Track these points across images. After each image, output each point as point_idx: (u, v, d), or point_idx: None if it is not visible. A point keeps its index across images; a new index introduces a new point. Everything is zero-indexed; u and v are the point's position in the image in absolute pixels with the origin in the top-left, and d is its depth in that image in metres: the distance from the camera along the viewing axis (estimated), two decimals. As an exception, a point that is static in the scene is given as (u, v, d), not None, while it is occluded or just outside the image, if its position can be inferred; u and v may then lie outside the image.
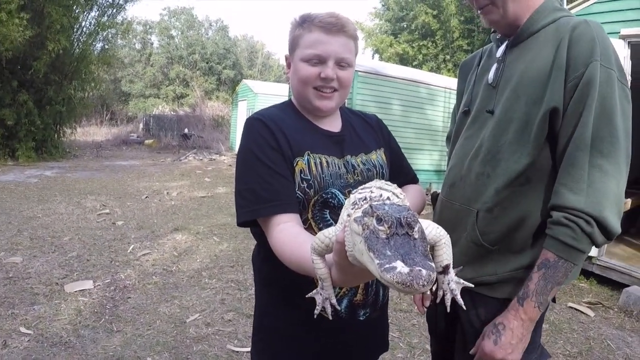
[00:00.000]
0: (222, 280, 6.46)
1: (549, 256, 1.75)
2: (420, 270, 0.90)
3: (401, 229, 1.00)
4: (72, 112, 24.09)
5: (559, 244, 1.73)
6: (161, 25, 59.29)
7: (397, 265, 0.92)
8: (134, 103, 53.59)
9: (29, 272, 6.38)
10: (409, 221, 1.01)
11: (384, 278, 0.92)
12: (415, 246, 0.98)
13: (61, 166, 19.22)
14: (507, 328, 1.81)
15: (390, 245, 0.98)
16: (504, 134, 1.91)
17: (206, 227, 9.57)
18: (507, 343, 1.80)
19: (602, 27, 1.81)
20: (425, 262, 0.94)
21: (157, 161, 23.58)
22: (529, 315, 1.78)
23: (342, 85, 1.98)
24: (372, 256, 0.97)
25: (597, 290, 7.12)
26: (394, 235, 1.00)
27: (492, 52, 2.20)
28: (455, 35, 32.09)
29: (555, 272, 1.74)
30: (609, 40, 1.79)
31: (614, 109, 1.72)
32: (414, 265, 0.91)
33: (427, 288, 0.90)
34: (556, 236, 1.74)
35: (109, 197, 12.49)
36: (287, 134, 1.90)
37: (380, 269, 0.93)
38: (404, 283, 0.89)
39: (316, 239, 1.34)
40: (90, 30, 24.61)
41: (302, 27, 1.95)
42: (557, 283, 1.76)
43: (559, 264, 1.73)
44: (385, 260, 0.94)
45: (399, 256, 0.94)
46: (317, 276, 1.40)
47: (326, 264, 1.36)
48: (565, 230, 1.72)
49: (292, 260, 1.61)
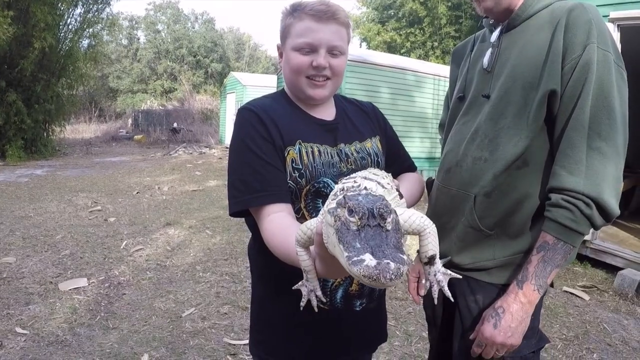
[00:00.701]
0: (217, 274, 6.46)
1: (548, 238, 1.76)
2: (388, 264, 0.89)
3: (373, 220, 0.99)
4: (60, 110, 23.97)
5: (558, 226, 1.74)
6: (147, 20, 59.12)
7: (365, 258, 0.91)
8: (122, 99, 53.45)
9: (22, 272, 6.37)
10: (381, 212, 1.00)
11: (351, 271, 0.91)
12: (387, 238, 0.97)
13: (51, 165, 19.15)
14: (506, 311, 1.81)
15: (360, 237, 0.97)
16: (501, 118, 1.91)
17: (198, 220, 9.57)
18: (506, 326, 1.81)
19: (597, 10, 1.81)
20: (396, 254, 0.93)
21: (147, 156, 23.53)
22: (529, 298, 1.79)
23: (335, 73, 1.96)
24: (342, 248, 0.97)
25: (592, 274, 7.15)
26: (365, 226, 0.99)
27: (485, 38, 2.20)
28: (443, 22, 32.14)
29: (555, 255, 1.75)
30: (604, 23, 1.79)
31: (611, 91, 1.73)
32: (382, 257, 0.90)
33: (395, 282, 0.89)
34: (555, 218, 1.74)
35: (100, 194, 12.47)
36: (278, 124, 1.89)
37: (348, 262, 0.92)
38: (371, 276, 0.88)
39: (299, 231, 1.34)
40: (76, 27, 24.48)
41: (292, 15, 1.93)
42: (557, 265, 1.77)
43: (558, 247, 1.74)
44: (353, 253, 0.93)
45: (369, 248, 0.93)
46: (302, 268, 1.40)
47: (310, 256, 1.36)
48: (564, 212, 1.72)
49: (280, 251, 1.62)
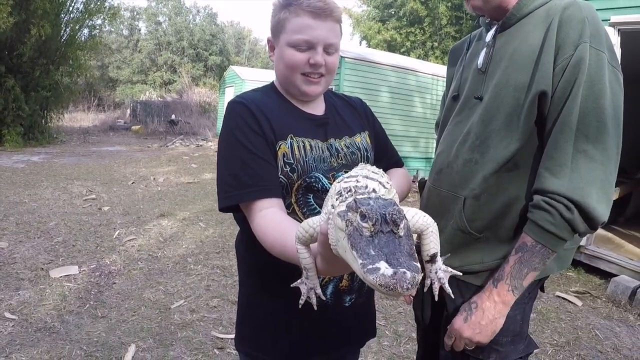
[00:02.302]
0: (208, 267, 6.47)
1: (527, 240, 1.74)
2: (404, 273, 0.87)
3: (386, 226, 0.97)
4: (59, 97, 23.90)
5: (537, 228, 1.71)
6: (148, 11, 58.95)
7: (381, 266, 0.89)
8: (121, 89, 53.29)
9: (14, 257, 6.38)
10: (394, 218, 0.98)
11: (366, 279, 0.89)
12: (400, 245, 0.95)
13: (48, 152, 19.10)
14: (479, 307, 1.81)
15: (374, 244, 0.95)
16: (493, 120, 1.88)
17: (192, 213, 9.57)
18: (476, 322, 1.80)
19: (594, 8, 1.78)
20: (411, 262, 0.91)
21: (144, 147, 23.49)
22: (502, 298, 1.78)
23: (329, 70, 1.96)
24: (355, 255, 0.94)
25: (585, 280, 7.14)
26: (378, 233, 0.97)
27: (481, 37, 2.18)
28: (443, 22, 32.18)
29: (532, 257, 1.72)
30: (600, 22, 1.77)
31: (603, 93, 1.68)
32: (398, 266, 0.89)
33: (411, 291, 0.88)
34: (535, 220, 1.72)
35: (95, 182, 12.45)
36: (269, 118, 1.88)
37: (363, 270, 0.90)
38: (387, 286, 0.86)
39: (300, 229, 1.32)
40: (77, 16, 24.45)
41: (288, 9, 1.89)
42: (534, 268, 1.74)
43: (536, 249, 1.72)
44: (368, 260, 0.91)
45: (383, 256, 0.92)
46: (301, 265, 1.38)
47: (311, 254, 1.35)
48: (544, 214, 1.70)
49: (275, 247, 1.59)
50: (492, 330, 1.81)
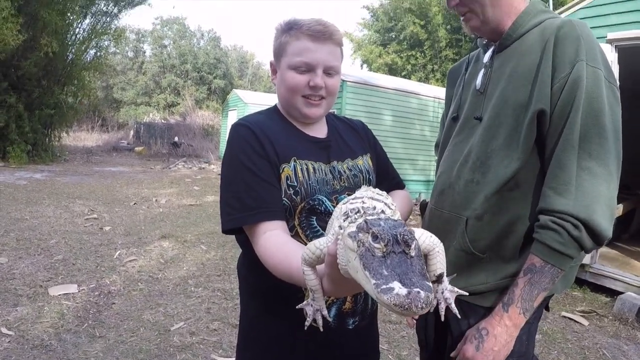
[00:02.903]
0: (209, 289, 6.40)
1: (535, 261, 1.72)
2: (418, 292, 0.88)
3: (398, 247, 0.98)
4: (63, 116, 24.10)
5: (545, 248, 1.70)
6: (154, 34, 59.52)
7: (395, 286, 0.90)
8: (125, 110, 53.66)
9: (13, 273, 6.34)
10: (405, 239, 0.99)
11: (380, 299, 0.89)
12: (412, 265, 0.96)
13: (51, 170, 19.15)
14: (490, 334, 1.78)
15: (386, 264, 0.95)
16: (493, 140, 1.89)
17: (194, 235, 9.51)
18: (489, 349, 1.77)
19: (588, 26, 1.81)
20: (423, 282, 0.92)
21: (147, 168, 23.54)
22: (514, 321, 1.76)
23: (330, 92, 1.98)
24: (368, 275, 0.95)
25: (591, 299, 7.10)
26: (391, 253, 0.97)
27: (479, 58, 2.20)
28: (443, 45, 32.59)
29: (542, 278, 1.71)
30: (595, 39, 1.79)
31: (602, 109, 1.70)
32: (411, 286, 0.89)
33: (425, 310, 0.88)
34: (543, 240, 1.71)
35: (97, 202, 12.43)
36: (273, 140, 1.89)
37: (377, 290, 0.90)
38: (402, 306, 0.87)
39: (307, 250, 1.31)
40: (83, 36, 24.70)
41: (289, 33, 1.93)
42: (544, 289, 1.73)
43: (546, 269, 1.71)
44: (382, 281, 0.92)
45: (396, 276, 0.92)
46: (307, 287, 1.38)
47: (317, 275, 1.34)
48: (552, 234, 1.69)
49: (279, 269, 1.59)
50: (505, 354, 1.80)
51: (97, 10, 25.19)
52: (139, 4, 27.21)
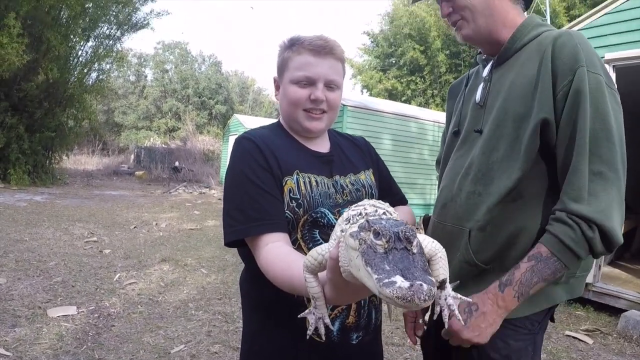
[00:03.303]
0: (209, 312, 6.34)
1: (543, 250, 1.73)
2: (421, 285, 0.88)
3: (399, 243, 0.99)
4: (64, 139, 24.20)
5: (556, 241, 1.70)
6: (156, 58, 60.00)
7: (397, 279, 0.90)
8: (126, 134, 53.91)
9: (12, 293, 6.29)
10: (407, 235, 1.00)
11: (383, 293, 0.90)
12: (414, 261, 0.97)
13: (51, 192, 19.16)
14: (479, 311, 1.79)
15: (388, 260, 0.96)
16: (494, 151, 1.91)
17: (194, 259, 9.46)
18: (476, 325, 1.78)
19: (584, 36, 1.84)
20: (426, 276, 0.92)
21: (147, 193, 23.53)
22: (506, 303, 1.76)
23: (331, 106, 2.01)
24: (370, 271, 0.95)
25: (595, 317, 7.10)
26: (392, 249, 0.98)
27: (479, 73, 2.25)
28: (443, 70, 33.07)
29: (545, 268, 1.72)
30: (592, 47, 1.81)
31: (608, 114, 1.72)
32: (414, 279, 0.90)
33: (428, 303, 0.88)
34: (555, 233, 1.71)
35: (97, 225, 12.39)
36: (276, 154, 1.92)
37: (379, 284, 0.91)
38: (405, 298, 0.87)
39: (309, 257, 1.32)
40: (86, 59, 24.88)
41: (291, 49, 1.99)
42: (543, 279, 1.73)
43: (551, 261, 1.71)
44: (384, 275, 0.92)
45: (398, 271, 0.93)
46: (309, 295, 1.38)
47: (319, 282, 1.34)
48: (566, 229, 1.69)
49: (282, 279, 1.60)
50: (490, 332, 1.80)
51: (100, 33, 25.42)
52: (141, 28, 27.45)
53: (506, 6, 2.01)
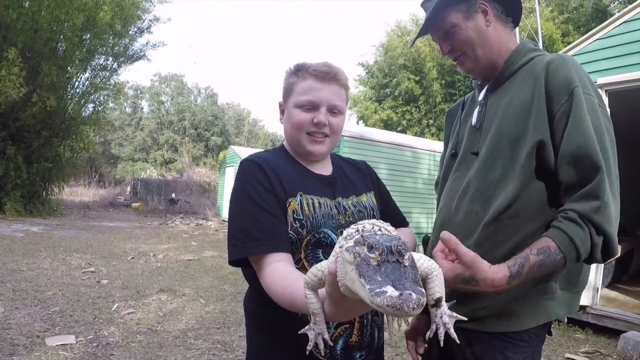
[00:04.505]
0: (208, 341, 6.30)
1: (551, 245, 1.72)
2: (410, 294, 0.93)
3: (392, 256, 1.04)
4: (61, 170, 24.27)
5: (565, 238, 1.71)
6: (152, 90, 60.29)
7: (388, 289, 0.95)
8: (122, 166, 54.01)
9: (10, 322, 6.26)
10: (399, 249, 1.05)
11: (374, 302, 0.95)
12: (405, 272, 1.02)
13: (48, 223, 19.15)
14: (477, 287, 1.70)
15: (381, 272, 1.01)
16: (491, 172, 1.97)
17: (192, 289, 9.42)
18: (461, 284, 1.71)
19: (575, 59, 1.92)
20: (415, 287, 0.97)
21: (144, 224, 23.48)
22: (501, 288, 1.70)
23: (334, 131, 2.06)
24: (363, 282, 1.00)
25: (594, 340, 7.13)
26: (385, 262, 1.03)
27: (474, 98, 2.34)
28: (438, 99, 33.04)
29: (549, 263, 1.71)
30: (583, 70, 1.91)
31: (603, 133, 1.79)
32: (404, 289, 0.95)
33: (417, 311, 0.93)
34: (567, 231, 1.71)
35: (94, 256, 12.36)
36: (280, 176, 1.96)
37: (370, 294, 0.96)
38: (395, 306, 0.92)
39: (309, 273, 1.36)
40: (83, 90, 25.01)
41: (296, 75, 2.05)
42: (543, 275, 1.74)
43: (557, 258, 1.71)
44: (375, 285, 0.97)
45: (390, 281, 0.98)
46: (309, 311, 1.41)
47: (319, 298, 1.38)
48: (577, 228, 1.70)
49: (284, 297, 1.63)
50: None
51: (97, 64, 25.63)
52: (138, 59, 27.64)
53: (499, 32, 2.11)
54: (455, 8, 2.08)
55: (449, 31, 2.10)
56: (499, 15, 2.12)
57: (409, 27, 37.80)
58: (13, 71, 17.98)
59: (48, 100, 20.56)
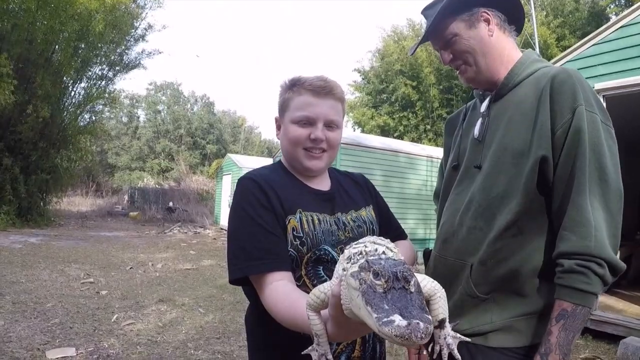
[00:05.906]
0: (209, 352, 6.30)
1: (566, 306, 1.72)
2: (418, 323, 0.92)
3: (397, 283, 1.03)
4: (58, 181, 24.24)
5: (574, 292, 1.71)
6: (148, 99, 60.27)
7: (395, 318, 0.94)
8: (119, 175, 53.98)
9: (10, 335, 6.25)
10: (405, 275, 1.04)
11: (382, 331, 0.94)
12: (412, 300, 1.00)
13: (46, 234, 19.12)
14: None
15: (387, 299, 1.00)
16: (494, 187, 1.94)
17: (191, 298, 9.41)
18: None
19: (580, 73, 1.88)
20: (423, 315, 0.96)
21: (142, 233, 23.41)
22: None
23: (331, 146, 2.05)
24: (370, 310, 0.99)
25: (594, 346, 7.11)
26: (391, 289, 1.02)
27: (476, 107, 2.28)
28: (435, 105, 32.95)
29: (575, 321, 1.72)
30: (588, 85, 1.86)
31: (604, 152, 1.78)
32: (411, 318, 0.93)
33: (425, 340, 0.92)
34: (571, 285, 1.72)
35: (93, 266, 12.34)
36: (278, 193, 1.94)
37: (378, 323, 0.95)
38: (403, 336, 0.91)
39: (312, 295, 1.36)
40: (79, 100, 24.98)
41: (292, 90, 2.03)
42: (577, 330, 1.74)
43: (577, 312, 1.71)
44: (383, 314, 0.96)
45: (397, 310, 0.97)
46: (312, 332, 1.40)
47: (322, 320, 1.37)
48: (580, 277, 1.70)
49: (286, 317, 1.62)
50: None
51: (92, 74, 25.65)
52: (133, 68, 27.67)
53: (501, 41, 2.07)
54: (457, 17, 2.06)
55: (450, 40, 2.08)
56: (501, 24, 2.09)
57: (405, 32, 37.80)
58: (3, 78, 17.94)
59: (42, 111, 20.55)
